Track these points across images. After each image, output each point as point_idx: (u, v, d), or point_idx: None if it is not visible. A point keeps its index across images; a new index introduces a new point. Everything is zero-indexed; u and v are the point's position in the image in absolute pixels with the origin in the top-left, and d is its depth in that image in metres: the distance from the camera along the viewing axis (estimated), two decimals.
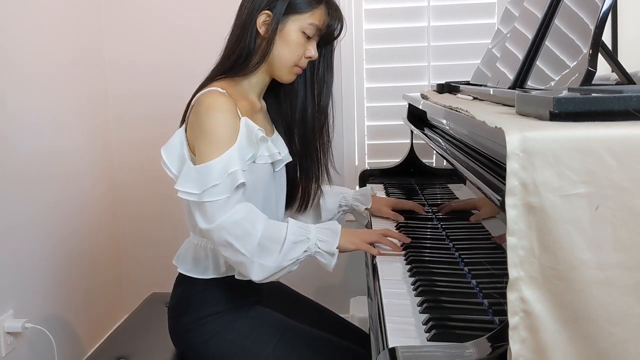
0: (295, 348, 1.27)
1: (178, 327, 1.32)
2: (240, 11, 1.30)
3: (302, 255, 1.19)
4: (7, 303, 1.76)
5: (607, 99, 0.68)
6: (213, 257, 1.29)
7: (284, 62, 1.29)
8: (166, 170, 1.23)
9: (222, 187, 1.14)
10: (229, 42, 1.31)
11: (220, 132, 1.17)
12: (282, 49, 1.27)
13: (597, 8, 0.88)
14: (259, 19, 1.26)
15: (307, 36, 1.28)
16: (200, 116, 1.19)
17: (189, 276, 1.31)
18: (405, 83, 2.27)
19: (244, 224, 1.14)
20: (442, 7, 2.26)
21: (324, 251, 1.20)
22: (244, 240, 1.14)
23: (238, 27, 1.30)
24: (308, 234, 1.20)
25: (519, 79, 1.12)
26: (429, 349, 0.76)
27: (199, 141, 1.18)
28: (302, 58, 1.29)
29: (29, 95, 1.90)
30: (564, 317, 0.62)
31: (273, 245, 1.16)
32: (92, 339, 2.25)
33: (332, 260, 1.20)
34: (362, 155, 2.37)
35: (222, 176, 1.13)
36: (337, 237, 1.21)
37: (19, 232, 1.82)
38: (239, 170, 1.15)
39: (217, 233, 1.14)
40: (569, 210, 0.61)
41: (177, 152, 1.23)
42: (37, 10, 1.95)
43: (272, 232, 1.17)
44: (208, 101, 1.19)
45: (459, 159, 1.07)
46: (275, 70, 1.30)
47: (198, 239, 1.31)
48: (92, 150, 2.30)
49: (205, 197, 1.14)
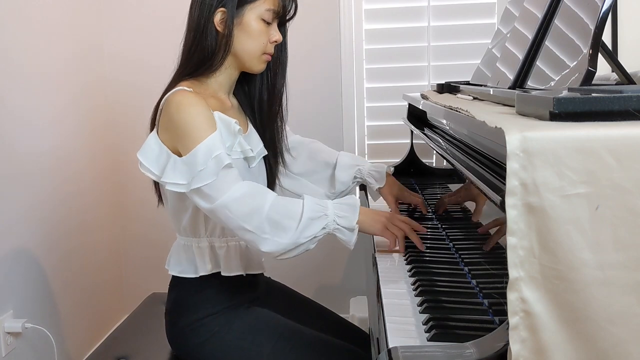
0: (294, 349, 1.27)
1: (176, 330, 1.32)
2: (191, 16, 1.29)
3: (320, 232, 1.15)
4: (7, 303, 1.76)
5: (607, 99, 0.68)
6: (199, 255, 1.29)
7: (251, 53, 1.28)
8: (146, 173, 1.21)
9: (208, 171, 1.12)
10: (186, 47, 1.30)
11: (196, 123, 1.16)
12: (246, 41, 1.27)
13: (597, 8, 0.88)
14: (216, 18, 1.26)
15: (266, 22, 1.28)
16: (172, 116, 1.18)
17: (182, 277, 1.31)
18: (405, 83, 2.27)
19: (246, 200, 1.13)
20: (442, 7, 2.27)
21: (344, 227, 1.16)
22: (250, 217, 1.12)
23: (193, 30, 1.28)
24: (326, 210, 1.16)
25: (519, 79, 1.12)
26: (429, 349, 0.76)
27: (178, 139, 1.17)
28: (268, 44, 1.29)
29: (29, 93, 1.90)
30: (564, 317, 0.62)
31: (288, 222, 1.13)
32: (92, 339, 2.25)
33: (352, 237, 1.17)
34: (362, 155, 2.37)
35: (207, 161, 1.12)
36: (357, 212, 1.18)
37: (19, 232, 1.82)
38: (223, 152, 1.14)
39: (221, 212, 1.13)
40: (569, 210, 0.61)
41: (155, 154, 1.21)
42: (37, 8, 1.95)
43: (286, 208, 1.15)
44: (176, 99, 1.18)
45: (459, 159, 1.07)
46: (244, 63, 1.30)
47: (184, 239, 1.32)
48: (92, 149, 2.30)
49: (194, 183, 1.13)
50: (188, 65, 1.29)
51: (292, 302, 1.50)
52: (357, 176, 1.51)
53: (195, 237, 1.30)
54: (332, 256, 2.39)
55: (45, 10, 2.00)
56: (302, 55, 2.34)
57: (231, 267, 1.29)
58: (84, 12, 2.27)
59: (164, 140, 1.21)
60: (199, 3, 1.27)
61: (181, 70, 1.30)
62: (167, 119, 1.20)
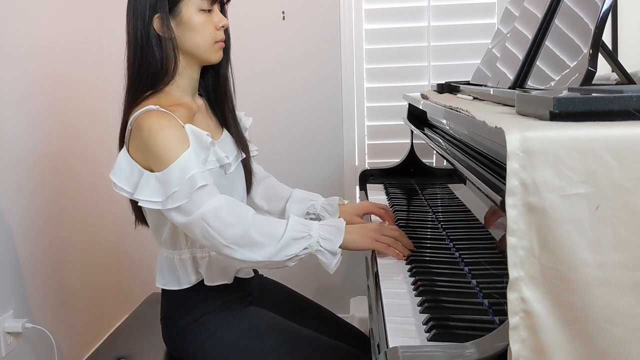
0: (292, 349, 1.27)
1: (172, 334, 1.32)
2: (129, 29, 1.25)
3: (302, 252, 1.15)
4: (7, 303, 1.76)
5: (607, 99, 0.68)
6: (181, 267, 1.28)
7: (203, 47, 1.26)
8: (120, 192, 1.19)
9: (182, 193, 1.11)
10: (131, 62, 1.26)
11: (170, 144, 1.14)
12: (193, 36, 1.24)
13: (597, 8, 0.88)
14: (155, 25, 1.23)
15: (207, 11, 1.25)
16: (144, 141, 1.15)
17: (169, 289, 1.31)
18: (405, 83, 2.27)
19: (225, 212, 1.12)
20: (442, 7, 2.27)
21: (326, 249, 1.16)
22: (228, 229, 1.11)
23: (134, 43, 1.24)
24: (310, 231, 1.16)
25: (519, 79, 1.12)
26: (429, 349, 0.76)
27: (151, 159, 1.15)
28: (216, 32, 1.26)
29: (28, 91, 1.90)
30: (564, 317, 0.62)
31: (268, 240, 1.13)
32: (92, 339, 2.25)
33: (333, 260, 1.17)
34: (362, 155, 2.37)
35: (181, 181, 1.11)
36: (342, 235, 1.18)
37: (19, 232, 1.82)
38: (197, 173, 1.12)
39: (198, 224, 1.12)
40: (569, 210, 0.61)
41: (126, 173, 1.18)
42: (36, 5, 1.95)
43: (268, 227, 1.15)
44: (147, 124, 1.15)
45: (459, 159, 1.07)
46: (200, 57, 1.27)
47: (167, 251, 1.30)
48: (92, 149, 2.30)
49: (169, 203, 1.12)
50: (140, 81, 1.25)
51: (290, 303, 1.50)
52: (310, 211, 1.48)
53: (177, 250, 1.28)
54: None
55: (45, 6, 2.00)
56: (302, 55, 2.34)
57: (214, 277, 1.27)
58: (83, 9, 2.27)
59: (137, 160, 1.18)
60: (132, 16, 1.24)
61: (134, 88, 1.26)
62: (138, 142, 1.17)
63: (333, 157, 2.38)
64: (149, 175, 1.15)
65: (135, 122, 1.18)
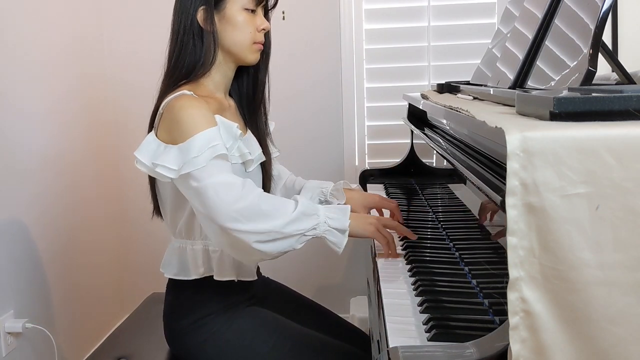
0: (293, 349, 1.27)
1: (175, 332, 1.32)
2: (175, 19, 1.28)
3: (310, 230, 1.13)
4: (7, 303, 1.76)
5: (607, 99, 0.68)
6: (192, 257, 1.28)
7: (242, 45, 1.28)
8: (141, 168, 1.19)
9: (201, 158, 1.11)
10: (172, 51, 1.28)
11: (197, 118, 1.16)
12: (233, 33, 1.27)
13: (597, 8, 0.88)
14: (199, 17, 1.25)
15: (250, 11, 1.27)
16: (174, 116, 1.17)
17: (178, 280, 1.30)
18: (405, 83, 2.27)
19: (235, 186, 1.12)
20: (442, 7, 2.27)
21: (335, 228, 1.15)
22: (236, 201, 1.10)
23: (177, 33, 1.27)
24: (317, 211, 1.16)
25: (519, 78, 1.12)
26: (429, 349, 0.76)
27: (178, 134, 1.16)
28: (256, 33, 1.28)
29: (28, 90, 1.90)
30: (564, 317, 0.62)
31: (278, 212, 1.12)
32: (92, 339, 2.25)
33: (343, 239, 1.15)
34: (362, 155, 2.37)
35: (202, 149, 1.12)
36: (347, 215, 1.17)
37: (19, 232, 1.82)
38: (220, 144, 1.13)
39: (208, 192, 1.10)
40: (569, 210, 0.61)
41: (151, 151, 1.19)
42: (36, 2, 1.95)
43: (278, 201, 1.15)
44: (179, 103, 1.18)
45: (459, 158, 1.07)
46: (237, 55, 1.29)
47: (179, 241, 1.30)
48: (93, 149, 2.30)
49: (185, 168, 1.12)
50: (178, 70, 1.27)
51: (291, 303, 1.50)
52: (321, 198, 1.50)
53: (190, 239, 1.29)
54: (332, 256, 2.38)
55: (45, 4, 2.00)
56: (302, 55, 2.34)
57: (224, 272, 1.27)
58: (83, 5, 2.27)
59: (163, 140, 1.20)
60: (178, 6, 1.27)
61: (171, 76, 1.28)
62: (168, 121, 1.19)
63: (333, 157, 2.38)
64: (171, 147, 1.16)
65: (167, 105, 1.20)
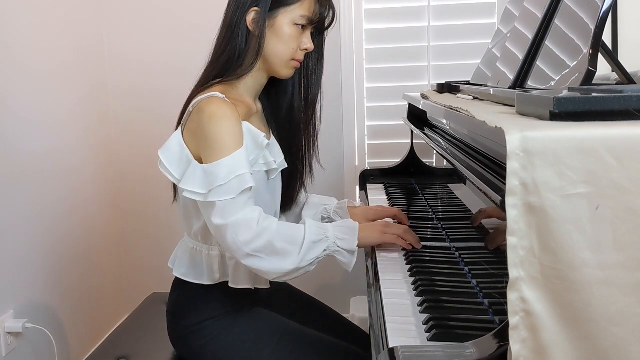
0: (296, 350, 1.27)
1: (178, 331, 1.32)
2: (228, 11, 1.27)
3: (322, 255, 1.17)
4: (7, 303, 1.76)
5: (607, 99, 0.68)
6: (207, 262, 1.27)
7: (280, 58, 1.26)
8: (164, 172, 1.20)
9: (228, 188, 1.11)
10: (218, 44, 1.28)
11: (226, 139, 1.14)
12: (276, 44, 1.25)
13: (597, 8, 0.88)
14: (249, 17, 1.24)
15: (299, 28, 1.25)
16: (203, 125, 1.15)
17: (186, 281, 1.30)
18: (405, 83, 2.27)
19: (253, 224, 1.12)
20: (442, 7, 2.27)
21: (344, 249, 1.18)
22: (254, 240, 1.11)
23: (226, 27, 1.27)
24: (326, 233, 1.18)
25: (519, 78, 1.12)
26: (429, 349, 0.76)
27: (204, 148, 1.16)
28: (298, 51, 1.27)
29: (29, 92, 1.90)
30: (564, 317, 0.62)
31: (291, 247, 1.14)
32: (92, 339, 2.25)
33: (352, 259, 1.19)
34: (362, 155, 2.37)
35: (229, 177, 1.11)
36: (356, 234, 1.19)
37: (19, 232, 1.82)
38: (247, 173, 1.13)
39: (230, 231, 1.11)
40: (569, 210, 0.61)
41: (176, 155, 1.19)
42: (38, 6, 1.95)
43: (289, 234, 1.15)
44: (210, 109, 1.16)
45: (459, 158, 1.07)
46: (272, 66, 1.28)
47: (194, 242, 1.30)
48: (92, 149, 2.30)
49: (211, 196, 1.12)
50: (217, 63, 1.27)
51: (293, 301, 1.50)
52: (324, 215, 1.51)
53: (207, 244, 1.28)
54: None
55: (45, 6, 2.00)
56: None
57: (239, 280, 1.26)
58: (84, 7, 2.27)
59: (188, 143, 1.19)
60: (234, 1, 1.26)
61: (210, 70, 1.28)
62: (196, 125, 1.18)
63: (333, 157, 2.37)
64: (196, 166, 1.15)
65: (198, 106, 1.19)
